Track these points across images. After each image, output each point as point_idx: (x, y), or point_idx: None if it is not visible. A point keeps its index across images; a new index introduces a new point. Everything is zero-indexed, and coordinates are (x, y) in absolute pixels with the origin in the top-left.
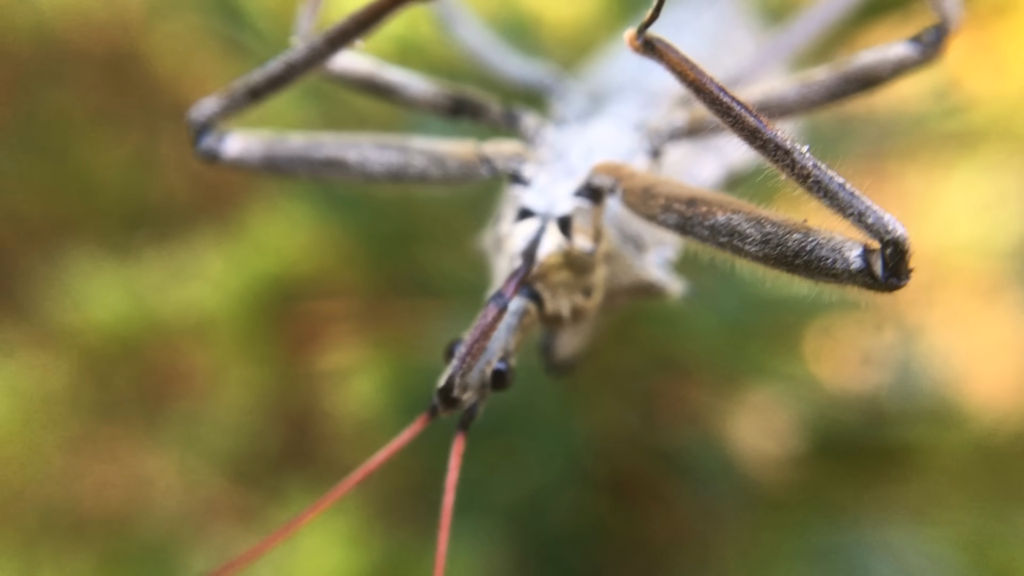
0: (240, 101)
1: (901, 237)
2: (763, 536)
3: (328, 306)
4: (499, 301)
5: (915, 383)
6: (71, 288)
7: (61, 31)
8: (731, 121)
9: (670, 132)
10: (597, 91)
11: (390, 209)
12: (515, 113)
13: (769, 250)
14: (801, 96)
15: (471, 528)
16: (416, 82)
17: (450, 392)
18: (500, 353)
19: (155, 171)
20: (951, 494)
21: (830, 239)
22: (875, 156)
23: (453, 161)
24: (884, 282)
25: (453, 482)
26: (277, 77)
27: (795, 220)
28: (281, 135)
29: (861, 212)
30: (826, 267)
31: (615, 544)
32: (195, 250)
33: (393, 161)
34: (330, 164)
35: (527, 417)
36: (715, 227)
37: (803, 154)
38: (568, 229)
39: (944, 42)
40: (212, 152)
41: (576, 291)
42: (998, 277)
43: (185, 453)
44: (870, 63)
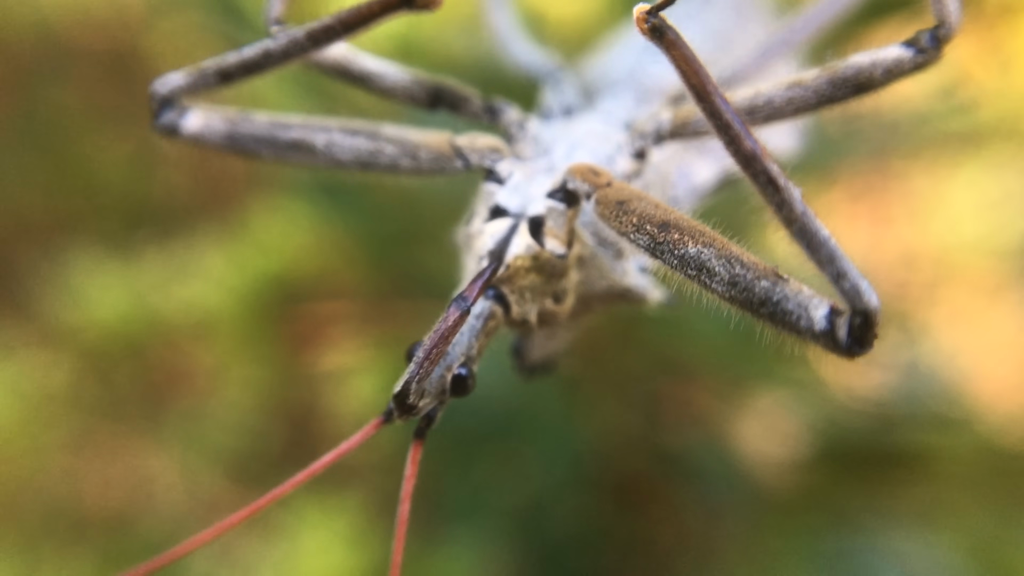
0: (209, 81)
1: (874, 309)
2: (768, 540)
3: (329, 306)
4: (461, 304)
5: (921, 386)
6: (72, 287)
7: (63, 29)
8: (727, 139)
9: (655, 133)
10: (591, 84)
11: (392, 209)
12: (496, 106)
13: (735, 292)
14: (789, 99)
15: (474, 532)
16: (392, 71)
17: (406, 398)
18: (462, 358)
19: (157, 169)
20: (958, 498)
21: (798, 293)
22: (880, 154)
23: (425, 152)
24: (846, 348)
25: (409, 492)
26: (251, 63)
27: (766, 265)
28: (246, 113)
29: (839, 273)
30: (789, 322)
31: (619, 548)
32: (197, 249)
33: (362, 148)
34: (296, 147)
35: (530, 421)
36: (684, 258)
37: (795, 197)
38: (540, 231)
39: (941, 47)
40: (171, 126)
41: (545, 296)
42: (1003, 276)
43: (186, 452)
44: (862, 66)
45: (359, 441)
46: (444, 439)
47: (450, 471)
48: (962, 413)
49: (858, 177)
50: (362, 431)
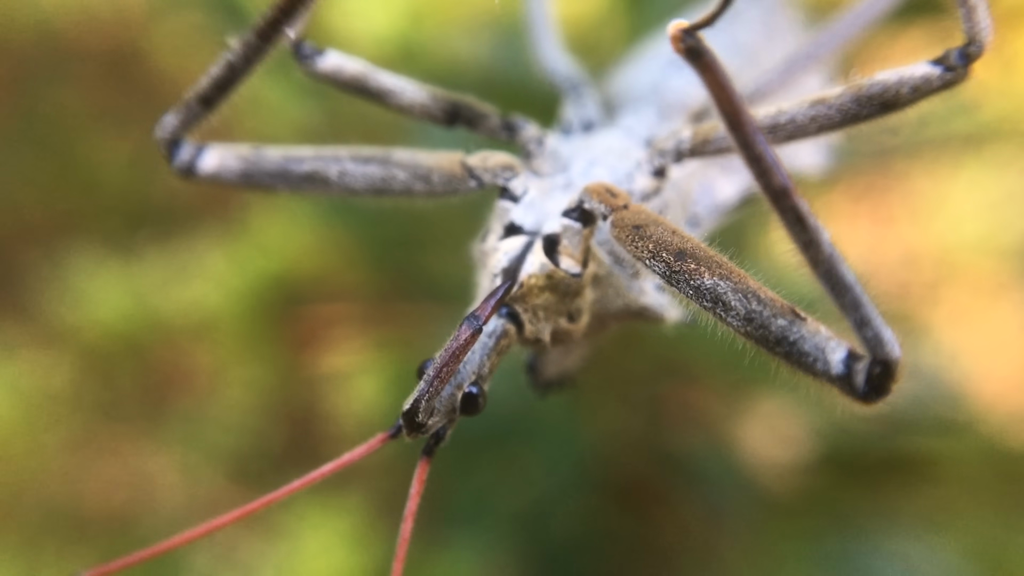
0: (196, 111)
1: (895, 360)
2: (771, 543)
3: (330, 308)
4: (473, 323)
5: (924, 389)
6: (73, 287)
7: (64, 29)
8: (757, 170)
9: (675, 151)
10: (613, 99)
11: (394, 212)
12: (514, 123)
13: (751, 329)
14: (813, 117)
15: (478, 535)
16: (411, 88)
17: (415, 416)
18: (472, 376)
19: (158, 170)
20: (961, 501)
21: (815, 334)
22: (882, 154)
23: (438, 175)
24: (862, 395)
25: (413, 510)
26: (222, 80)
27: (783, 303)
28: (259, 149)
29: (863, 320)
30: (805, 363)
31: (622, 551)
32: (197, 249)
33: (375, 175)
34: (310, 179)
35: (533, 424)
36: (700, 289)
37: (823, 238)
38: (554, 250)
39: (970, 65)
40: (188, 167)
41: (560, 315)
42: (1004, 275)
43: (187, 452)
44: (889, 84)
45: (362, 454)
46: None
47: (454, 475)
48: (964, 415)
49: (859, 177)
50: (366, 445)
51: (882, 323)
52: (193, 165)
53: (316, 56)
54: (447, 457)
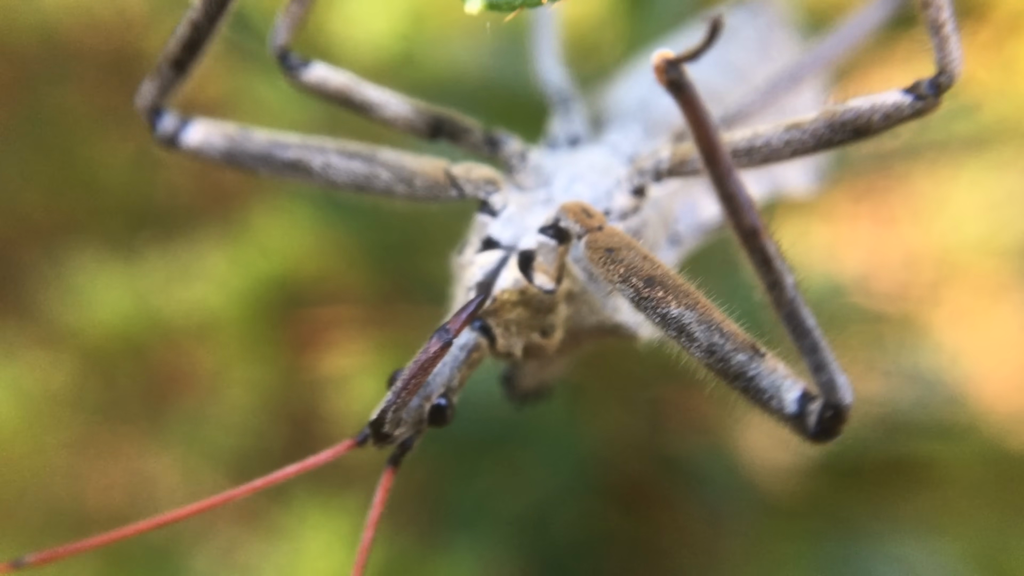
0: (169, 76)
1: (846, 406)
2: (772, 546)
3: (332, 309)
4: (444, 335)
5: (925, 392)
6: (75, 288)
7: (65, 30)
8: (729, 208)
9: (654, 170)
10: (601, 114)
11: (394, 213)
12: (497, 137)
13: (712, 361)
14: (787, 142)
15: (478, 538)
16: (394, 101)
17: (381, 426)
18: (441, 389)
19: (159, 171)
20: (962, 504)
21: (773, 372)
22: (882, 155)
23: (421, 180)
24: (811, 436)
25: (375, 520)
26: (189, 41)
27: (745, 338)
28: (246, 130)
29: (820, 364)
30: (761, 399)
31: (622, 553)
32: (199, 250)
33: (358, 172)
34: (293, 167)
35: (533, 427)
36: (666, 318)
37: (788, 282)
38: (529, 266)
39: (940, 95)
40: (170, 137)
41: (532, 330)
42: (1006, 276)
43: (188, 453)
44: (861, 111)
45: (328, 459)
46: (447, 446)
47: (453, 477)
48: (965, 417)
49: (860, 177)
50: (332, 450)
51: (837, 368)
52: (176, 136)
53: (302, 67)
54: (448, 460)
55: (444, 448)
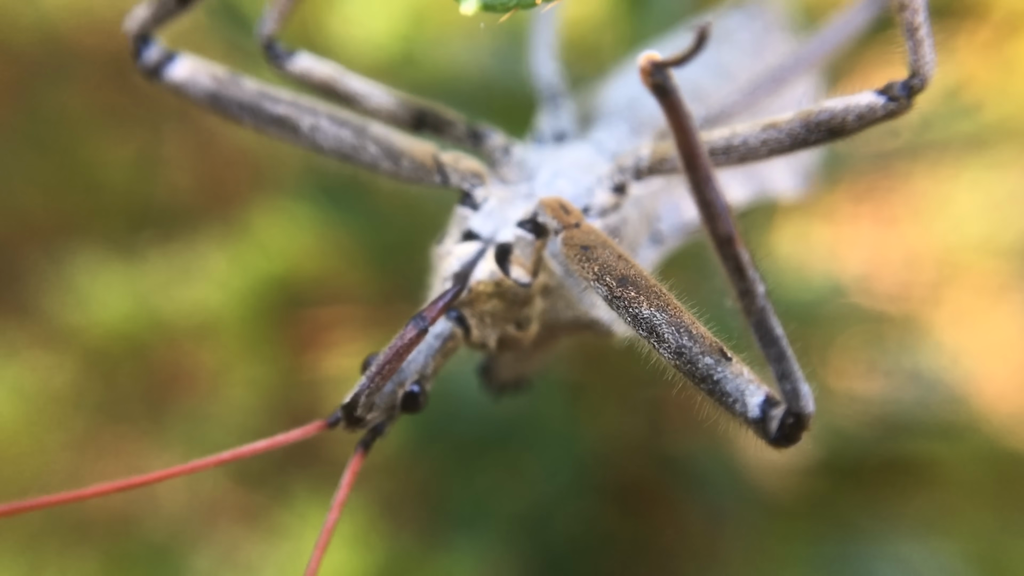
0: (169, 5)
1: (808, 415)
2: (771, 545)
3: (332, 309)
4: (419, 323)
5: (925, 392)
6: (76, 287)
7: (65, 30)
8: (706, 214)
9: (635, 168)
10: (590, 112)
11: (394, 213)
12: (480, 131)
13: (680, 362)
14: (764, 141)
15: (478, 538)
16: (378, 93)
17: (354, 410)
18: (415, 376)
19: (160, 170)
20: (962, 505)
21: (738, 376)
22: (883, 155)
23: (408, 160)
24: (772, 441)
25: (342, 501)
26: None
27: (713, 341)
28: (236, 75)
29: (784, 373)
30: (726, 402)
31: (622, 553)
32: (199, 250)
33: (346, 141)
34: (280, 123)
35: (533, 426)
36: (637, 318)
37: (758, 291)
38: (506, 258)
39: (913, 97)
40: (154, 68)
41: (507, 322)
42: (1007, 276)
43: (189, 453)
44: (836, 111)
45: (298, 437)
46: (447, 446)
47: (454, 477)
48: (965, 417)
49: (861, 177)
50: (302, 429)
51: (801, 378)
52: (160, 68)
53: (287, 57)
54: (447, 460)
55: (444, 448)
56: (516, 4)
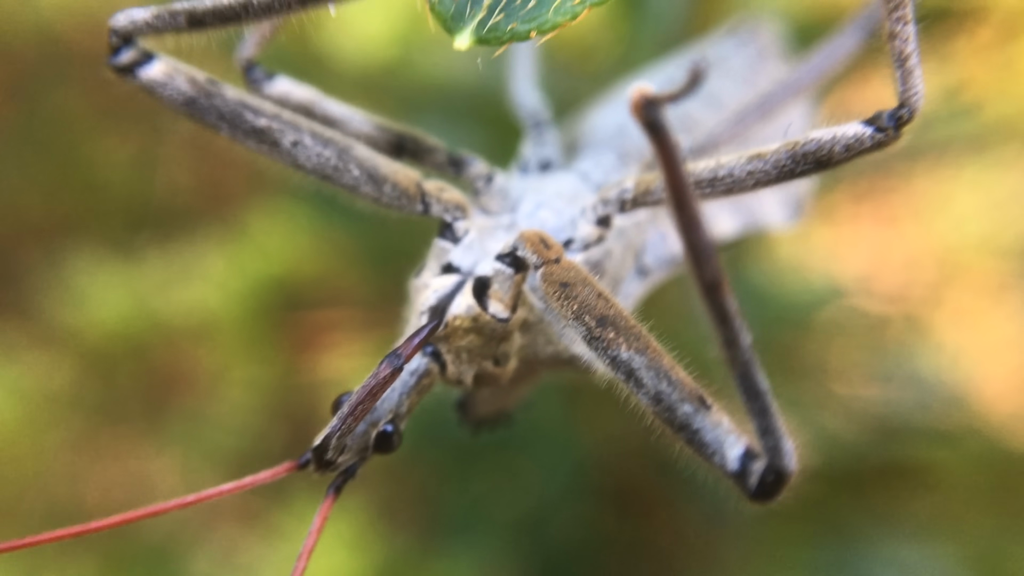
0: (178, 23)
1: (789, 472)
2: (769, 549)
3: (330, 311)
4: (394, 360)
5: (924, 397)
6: (74, 288)
7: (65, 31)
8: (693, 257)
9: (619, 201)
10: (577, 140)
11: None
12: (461, 158)
13: (658, 409)
14: (750, 172)
15: (475, 543)
16: (357, 118)
17: (324, 453)
18: (389, 415)
19: (158, 172)
20: (960, 509)
21: (717, 426)
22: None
23: (391, 187)
24: (751, 496)
25: (311, 548)
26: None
27: (693, 388)
28: (217, 83)
29: (767, 428)
30: (705, 453)
31: (620, 556)
32: (198, 251)
33: (328, 160)
34: (260, 136)
35: (530, 430)
36: (616, 360)
37: (744, 341)
38: (484, 292)
39: (901, 128)
40: (128, 67)
41: (484, 358)
42: (1007, 275)
43: (188, 453)
44: (823, 142)
45: (268, 479)
46: (445, 449)
47: (451, 481)
48: (964, 420)
49: (861, 177)
50: (271, 471)
51: (784, 434)
52: (134, 67)
53: (265, 80)
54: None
55: (442, 451)
56: (510, 38)
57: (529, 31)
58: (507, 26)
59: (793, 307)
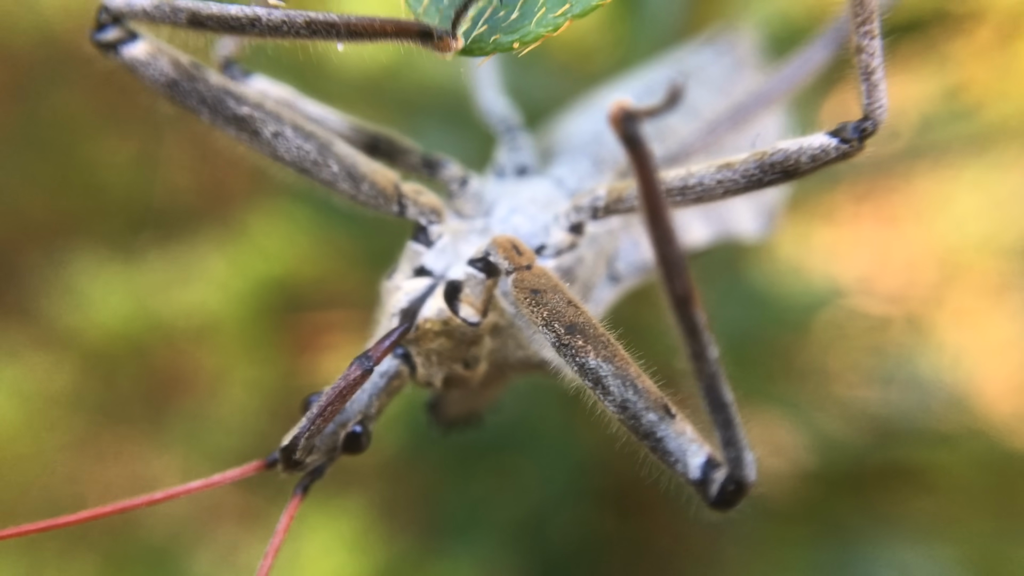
0: (178, 19)
1: (750, 482)
2: (769, 550)
3: (330, 312)
4: (364, 363)
5: (923, 399)
6: (75, 289)
7: (65, 33)
8: (664, 271)
9: (591, 208)
10: (553, 146)
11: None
12: (436, 160)
13: (624, 417)
14: (719, 181)
15: (475, 544)
16: (333, 118)
17: (292, 453)
18: (358, 416)
19: (159, 172)
20: (960, 510)
21: (680, 435)
22: (885, 156)
23: (368, 186)
24: (711, 504)
25: (277, 547)
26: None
27: (658, 397)
28: (200, 67)
29: (731, 440)
30: (668, 461)
31: (619, 557)
32: (198, 253)
33: (308, 154)
34: (240, 124)
35: (529, 432)
36: (584, 367)
37: (711, 355)
38: (456, 296)
39: (864, 140)
40: (110, 45)
41: (454, 361)
42: (1008, 275)
43: (189, 454)
44: (790, 152)
45: (236, 478)
46: (444, 450)
47: (451, 483)
48: (965, 421)
49: (863, 177)
50: (240, 470)
51: (746, 446)
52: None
53: (242, 79)
54: (444, 467)
55: (441, 452)
56: (493, 48)
57: (512, 42)
58: (491, 37)
59: (793, 308)
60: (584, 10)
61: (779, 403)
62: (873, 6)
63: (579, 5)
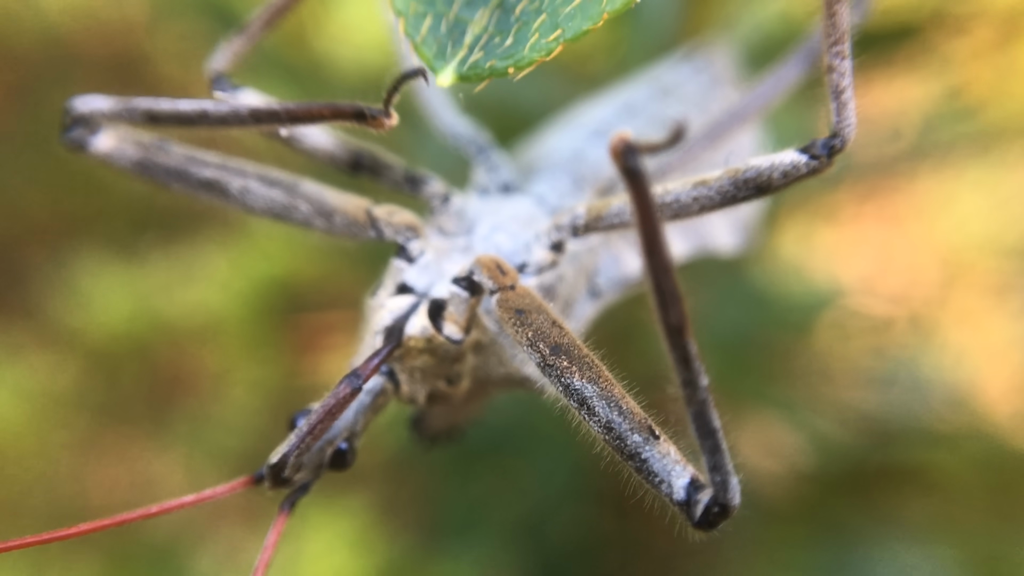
0: (135, 117)
1: (734, 506)
2: (768, 551)
3: (332, 312)
4: (353, 381)
5: (923, 401)
6: (78, 289)
7: (68, 34)
8: (659, 300)
9: (571, 226)
10: (534, 163)
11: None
12: (418, 176)
13: (609, 438)
14: (695, 198)
15: (475, 544)
16: (317, 132)
17: (281, 471)
18: (345, 433)
19: None
20: (958, 510)
21: (664, 456)
22: (887, 156)
23: (341, 217)
24: (695, 525)
25: (266, 562)
26: (184, 117)
27: (643, 418)
28: (162, 142)
29: (716, 465)
30: (652, 481)
31: (619, 557)
32: (201, 253)
33: (277, 201)
34: (209, 187)
35: (529, 432)
36: (569, 388)
37: (702, 383)
38: (439, 314)
39: (833, 157)
40: (79, 143)
41: (438, 378)
42: (1010, 274)
43: (191, 453)
44: (762, 169)
45: (224, 494)
46: (444, 453)
47: (451, 483)
48: (965, 421)
49: (865, 177)
50: (227, 486)
51: (732, 471)
52: (85, 141)
53: (231, 91)
54: (444, 468)
55: (442, 454)
56: (489, 74)
57: (507, 67)
58: (486, 63)
59: (795, 308)
60: (576, 35)
61: (780, 404)
62: (844, 27)
63: (571, 30)
